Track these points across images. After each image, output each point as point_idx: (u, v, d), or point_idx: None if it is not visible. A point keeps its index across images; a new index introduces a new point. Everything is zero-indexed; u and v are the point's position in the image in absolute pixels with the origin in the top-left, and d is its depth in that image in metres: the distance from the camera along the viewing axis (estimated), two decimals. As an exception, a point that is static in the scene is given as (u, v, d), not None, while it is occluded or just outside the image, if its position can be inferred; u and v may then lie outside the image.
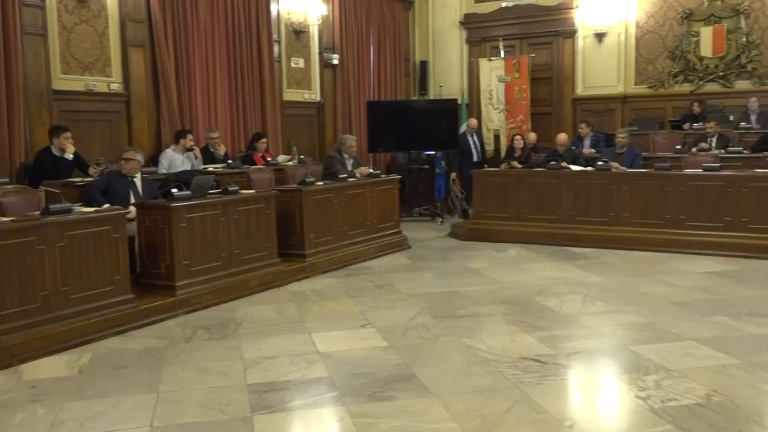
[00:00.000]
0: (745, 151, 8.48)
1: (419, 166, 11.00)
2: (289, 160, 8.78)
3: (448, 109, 10.84)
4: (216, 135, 8.07)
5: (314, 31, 10.08)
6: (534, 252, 7.83)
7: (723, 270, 6.66)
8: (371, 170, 8.50)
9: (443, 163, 10.96)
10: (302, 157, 9.03)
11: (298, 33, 9.79)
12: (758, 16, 10.07)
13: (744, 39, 10.15)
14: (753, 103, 9.79)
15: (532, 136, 10.25)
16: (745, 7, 10.08)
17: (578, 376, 4.09)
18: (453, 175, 10.72)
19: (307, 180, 7.20)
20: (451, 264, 7.43)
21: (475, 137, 10.84)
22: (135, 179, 6.18)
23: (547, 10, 11.37)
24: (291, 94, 9.76)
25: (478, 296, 5.95)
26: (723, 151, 8.57)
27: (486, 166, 10.24)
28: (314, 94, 10.21)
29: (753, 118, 9.69)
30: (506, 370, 4.11)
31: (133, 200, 5.97)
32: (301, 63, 9.92)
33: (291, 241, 6.91)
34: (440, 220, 10.41)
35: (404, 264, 7.50)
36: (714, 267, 6.78)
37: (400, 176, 9.07)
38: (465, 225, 9.20)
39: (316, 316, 5.45)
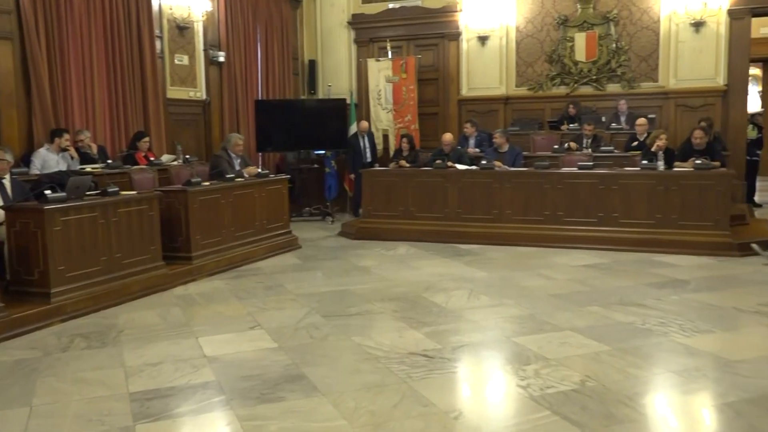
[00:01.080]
0: (615, 151, 9.03)
1: (309, 165, 10.97)
2: (174, 160, 8.52)
3: (338, 109, 10.88)
4: (84, 137, 7.62)
5: (199, 28, 9.83)
6: (422, 249, 7.99)
7: (596, 263, 7.06)
8: (260, 170, 8.39)
9: (333, 162, 10.98)
10: (187, 156, 8.78)
11: (182, 29, 9.51)
12: (626, 23, 10.75)
13: (614, 45, 10.81)
14: (622, 105, 10.45)
15: (448, 137, 10.33)
16: (615, 15, 10.73)
17: (463, 369, 4.21)
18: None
19: (193, 180, 7.01)
20: (342, 263, 7.46)
21: (366, 139, 10.92)
22: (3, 180, 5.80)
23: (433, 13, 11.64)
24: (175, 92, 9.47)
25: (368, 294, 6.01)
26: (588, 149, 9.10)
27: (378, 166, 10.35)
28: (200, 92, 9.96)
29: (623, 119, 10.34)
30: (394, 366, 4.17)
31: (1, 203, 5.60)
32: (185, 60, 9.64)
33: (176, 244, 6.71)
34: (331, 219, 10.43)
35: (294, 264, 7.46)
36: (589, 260, 7.18)
37: (289, 176, 9.01)
38: (355, 224, 9.26)
39: (202, 320, 5.33)
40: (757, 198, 11.18)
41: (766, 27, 13.62)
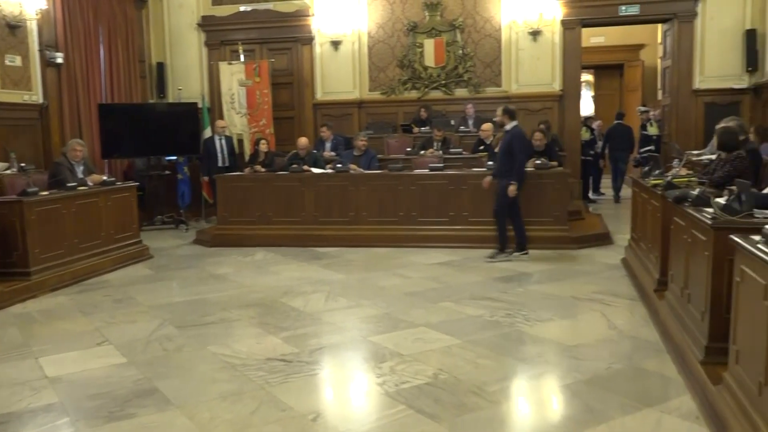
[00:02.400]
0: (464, 153, 9.44)
1: (160, 172, 10.54)
2: (7, 169, 7.90)
3: (189, 113, 10.56)
4: None
5: (32, 26, 9.15)
6: (280, 254, 7.94)
7: (449, 260, 7.35)
8: (105, 177, 7.96)
9: (186, 168, 10.64)
10: (23, 165, 8.17)
11: (13, 27, 8.82)
12: (471, 31, 11.26)
13: (460, 51, 11.28)
14: (470, 109, 10.93)
15: (303, 141, 10.21)
16: (460, 23, 11.20)
17: (322, 371, 4.24)
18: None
19: (29, 190, 6.53)
20: (197, 272, 7.25)
21: (224, 141, 10.66)
22: None
23: (285, 17, 11.59)
24: (7, 95, 8.77)
25: (225, 302, 5.89)
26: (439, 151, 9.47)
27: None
28: (36, 96, 9.28)
29: (470, 122, 10.82)
30: (252, 373, 4.12)
31: None
32: (17, 61, 8.95)
33: (11, 259, 6.23)
34: (185, 227, 10.09)
35: (145, 275, 7.16)
36: (442, 258, 7.45)
37: (138, 183, 8.63)
38: (210, 231, 9.04)
39: (43, 339, 4.98)
40: (592, 195, 12.12)
41: (597, 37, 14.75)
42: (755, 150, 6.65)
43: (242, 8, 11.70)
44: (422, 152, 9.52)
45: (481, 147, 9.46)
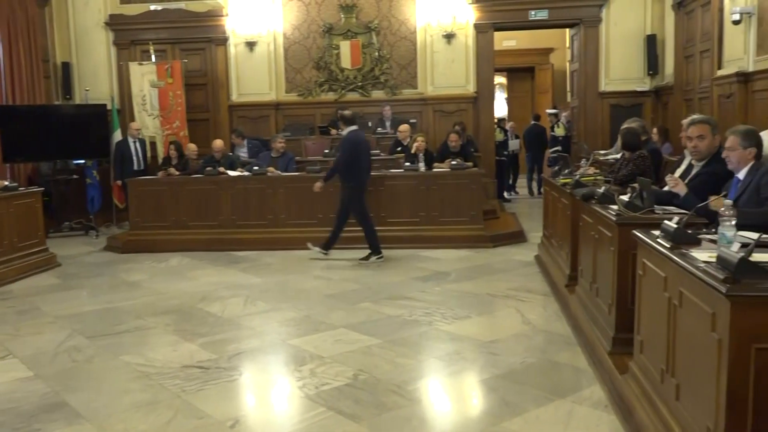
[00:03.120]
0: (382, 154, 9.49)
1: (67, 176, 10.10)
2: None
3: (98, 115, 10.19)
4: None
5: (-77, 23, 8.62)
6: (197, 259, 7.76)
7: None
8: (7, 183, 7.57)
9: (95, 172, 10.25)
10: None
11: None
12: (386, 33, 11.35)
13: (377, 53, 11.35)
14: (387, 111, 11.00)
15: (192, 147, 10.01)
16: (376, 25, 11.27)
17: (240, 376, 4.18)
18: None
19: None
20: (108, 279, 7.01)
21: (138, 144, 10.32)
22: None
23: (198, 16, 11.35)
24: None
25: (139, 309, 5.72)
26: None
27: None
28: (-72, 97, 8.74)
29: (387, 124, 10.90)
30: (167, 382, 4.02)
31: None
32: None
33: None
34: (95, 233, 9.71)
35: (52, 284, 6.85)
36: (360, 257, 7.46)
37: (44, 188, 8.26)
38: (122, 237, 8.75)
39: (-60, 355, 4.69)
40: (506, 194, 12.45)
41: (509, 40, 15.15)
42: (656, 149, 7.01)
43: (152, 7, 11.37)
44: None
45: (399, 148, 9.54)
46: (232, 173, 8.55)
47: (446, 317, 5.22)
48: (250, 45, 11.32)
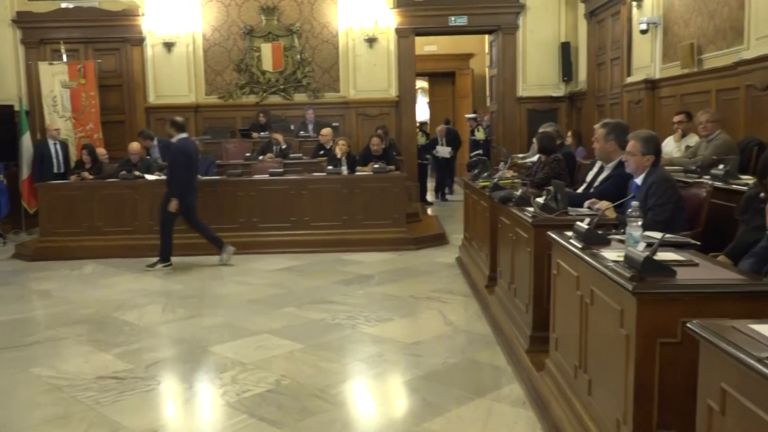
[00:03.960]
0: (304, 157, 9.45)
1: (-29, 181, 9.59)
2: None
3: (4, 116, 9.73)
4: None
5: None
6: (113, 266, 7.50)
7: (291, 265, 7.32)
8: None
9: (2, 176, 9.76)
10: None
11: None
12: (308, 36, 11.31)
13: (299, 56, 11.29)
14: (310, 114, 10.95)
15: (101, 151, 9.64)
16: (297, 28, 11.21)
17: (158, 386, 4.06)
18: None
19: None
20: (17, 288, 6.69)
21: (59, 146, 9.87)
22: None
23: (112, 15, 10.99)
24: None
25: (50, 320, 5.49)
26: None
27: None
28: None
29: (310, 127, 10.85)
30: (80, 394, 3.87)
31: None
32: None
33: None
34: (2, 240, 9.24)
35: (-45, 295, 6.49)
36: (284, 263, 7.41)
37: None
38: (32, 244, 8.36)
39: None
40: (429, 197, 12.60)
41: (430, 45, 15.36)
42: (571, 153, 7.26)
43: (64, 5, 10.94)
44: (261, 157, 9.41)
45: (321, 152, 9.52)
46: (149, 177, 8.31)
47: (369, 320, 5.24)
48: (168, 46, 11.05)
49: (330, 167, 8.41)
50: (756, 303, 2.30)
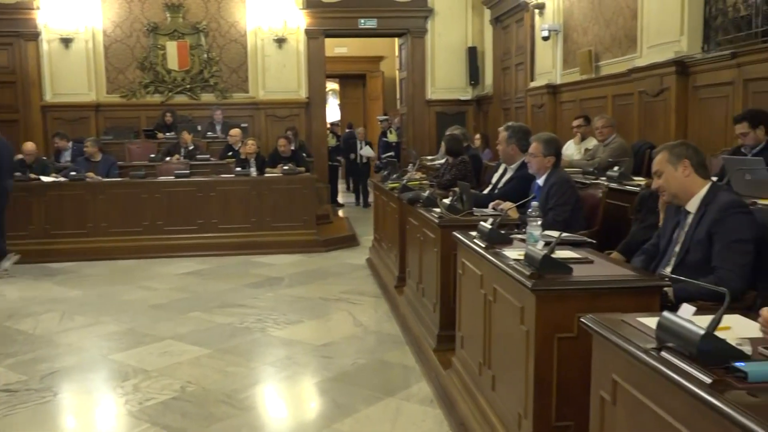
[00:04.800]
0: (212, 159, 9.25)
1: None
2: None
3: None
4: None
5: None
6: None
7: (199, 269, 7.15)
8: None
9: None
10: None
11: None
12: (216, 35, 11.08)
13: (206, 55, 11.05)
14: (218, 115, 10.74)
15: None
16: (204, 26, 10.98)
17: (54, 397, 3.86)
18: None
19: None
20: None
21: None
22: None
23: (4, 8, 10.41)
24: None
25: (-68, 331, 5.12)
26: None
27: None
28: None
29: (218, 128, 10.64)
30: (-33, 409, 3.63)
31: None
32: None
33: None
34: None
35: None
36: (191, 267, 7.22)
37: None
38: None
39: None
40: (340, 199, 12.59)
41: (340, 47, 15.36)
42: (477, 155, 7.44)
43: (-51, -4, 10.28)
44: (168, 159, 9.15)
45: (230, 153, 9.34)
46: (45, 179, 7.91)
47: (279, 323, 5.18)
48: (66, 42, 10.58)
49: (238, 169, 8.27)
50: (645, 297, 2.43)
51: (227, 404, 3.67)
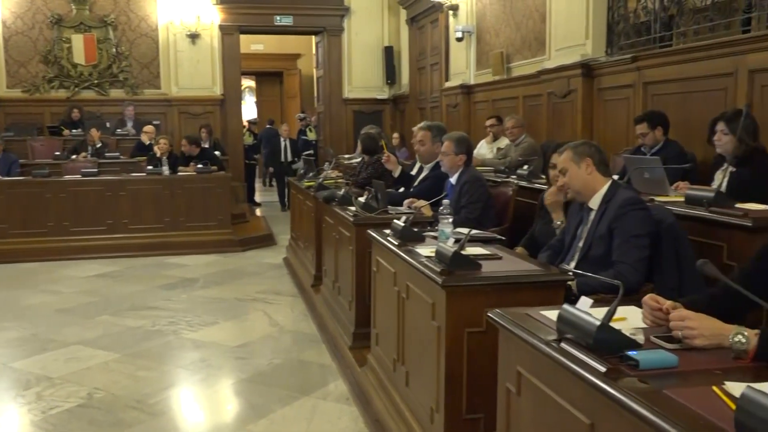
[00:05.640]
0: (122, 157, 8.95)
1: None
2: None
3: None
4: None
5: None
6: None
7: (108, 271, 6.90)
8: None
9: None
10: None
11: None
12: (125, 29, 10.72)
13: (114, 50, 10.67)
14: (130, 111, 10.39)
15: None
16: (112, 20, 10.59)
17: (-52, 410, 3.66)
18: None
19: None
20: None
21: None
22: None
23: None
24: None
25: None
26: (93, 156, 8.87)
27: None
28: None
29: (130, 125, 10.30)
30: None
31: None
32: None
33: None
34: None
35: None
36: (100, 269, 6.96)
37: None
38: None
39: None
40: (257, 198, 12.42)
41: (257, 44, 15.17)
42: (394, 153, 7.48)
43: None
44: (74, 156, 8.78)
45: (142, 151, 9.07)
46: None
47: (192, 325, 5.07)
48: (-39, 32, 9.98)
49: (150, 167, 8.02)
50: (549, 291, 2.52)
51: (137, 410, 3.57)
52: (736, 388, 1.35)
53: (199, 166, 8.01)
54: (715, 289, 2.02)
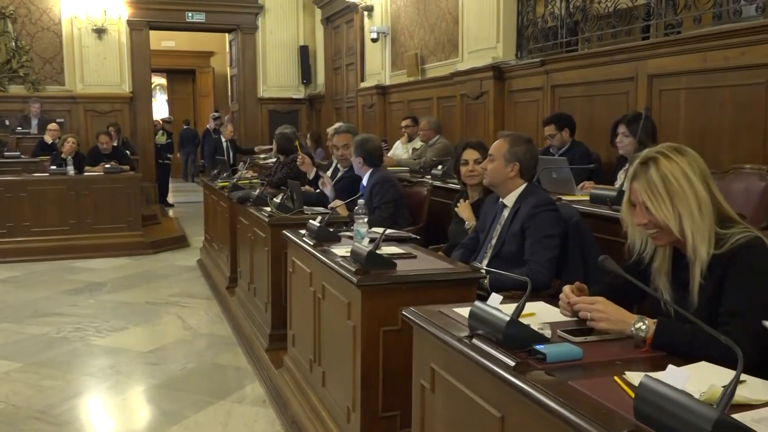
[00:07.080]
0: (23, 156, 8.51)
1: None
2: None
3: None
4: None
5: None
6: None
7: (8, 277, 6.55)
8: None
9: None
10: None
11: None
12: (25, 22, 10.20)
13: (14, 44, 10.14)
14: (36, 108, 9.87)
15: None
16: (11, 12, 10.06)
17: None
18: None
19: None
20: None
21: None
22: None
23: None
24: None
25: None
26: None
27: None
28: None
29: (35, 123, 9.80)
30: None
31: None
32: None
33: None
34: None
35: None
36: (-1, 275, 6.62)
37: None
38: None
39: None
40: (170, 199, 12.08)
41: (168, 41, 14.75)
42: (309, 154, 7.45)
43: None
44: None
45: (44, 150, 8.66)
46: None
47: (101, 330, 4.88)
48: None
49: (53, 167, 7.67)
50: (463, 288, 2.57)
51: (41, 420, 3.41)
52: (635, 377, 1.42)
53: (107, 166, 7.72)
54: (602, 285, 2.11)
